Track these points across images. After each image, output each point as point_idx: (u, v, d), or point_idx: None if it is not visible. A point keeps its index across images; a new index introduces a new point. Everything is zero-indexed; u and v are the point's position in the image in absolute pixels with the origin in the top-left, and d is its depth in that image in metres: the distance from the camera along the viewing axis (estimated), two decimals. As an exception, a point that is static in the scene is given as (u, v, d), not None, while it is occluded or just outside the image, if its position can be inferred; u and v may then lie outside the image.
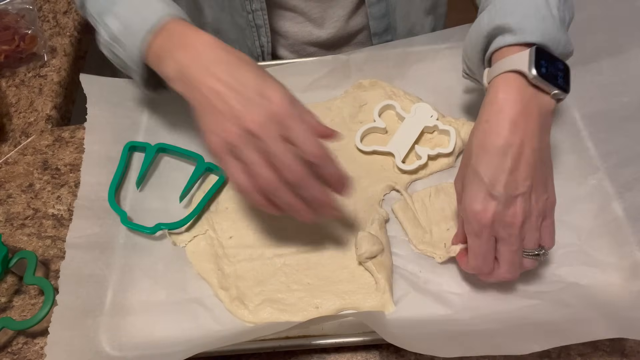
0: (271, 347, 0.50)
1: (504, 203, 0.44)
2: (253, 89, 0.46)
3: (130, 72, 0.58)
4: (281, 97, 0.46)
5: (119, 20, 0.54)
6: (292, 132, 0.45)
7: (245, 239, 0.58)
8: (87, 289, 0.54)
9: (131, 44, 0.54)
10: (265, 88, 0.46)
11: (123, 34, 0.54)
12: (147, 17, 0.52)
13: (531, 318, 0.48)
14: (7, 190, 0.65)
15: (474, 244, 0.46)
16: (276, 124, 0.45)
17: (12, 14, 0.81)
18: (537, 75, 0.44)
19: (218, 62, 0.48)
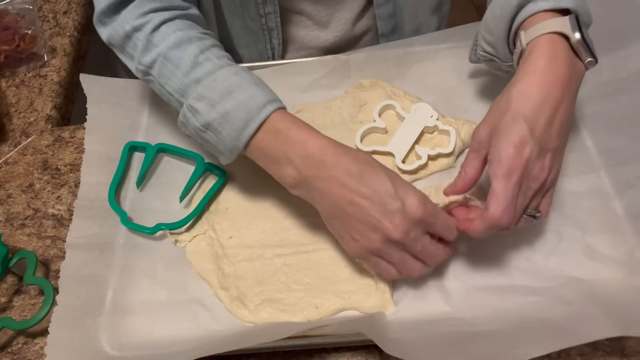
0: (271, 347, 0.50)
1: (537, 153, 0.45)
2: (389, 195, 0.46)
3: (216, 153, 0.54)
4: (417, 199, 0.46)
5: (213, 108, 0.50)
6: (433, 227, 0.47)
7: (245, 239, 0.58)
8: (87, 289, 0.54)
9: (231, 136, 0.50)
10: (400, 192, 0.46)
11: (219, 123, 0.50)
12: (251, 110, 0.49)
13: (532, 317, 0.48)
14: (7, 190, 0.65)
15: (501, 187, 0.45)
16: (418, 227, 0.46)
17: (12, 14, 0.81)
18: (580, 39, 0.46)
19: (349, 175, 0.47)
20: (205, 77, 0.51)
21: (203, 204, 0.60)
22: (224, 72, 0.51)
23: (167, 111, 0.68)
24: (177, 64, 0.52)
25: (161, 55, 0.53)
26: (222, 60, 0.53)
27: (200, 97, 0.50)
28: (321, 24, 0.72)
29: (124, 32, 0.55)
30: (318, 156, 0.48)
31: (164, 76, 0.53)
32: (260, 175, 0.62)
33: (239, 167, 0.63)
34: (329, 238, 0.56)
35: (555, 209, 0.56)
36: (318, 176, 0.48)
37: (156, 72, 0.54)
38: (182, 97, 0.52)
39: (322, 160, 0.48)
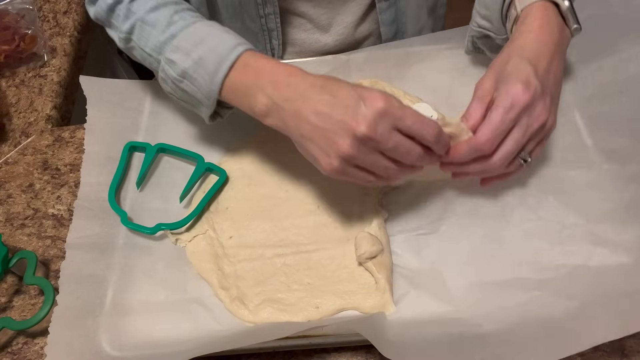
0: (271, 347, 0.50)
1: (539, 94, 0.48)
2: (352, 97, 0.45)
3: (197, 106, 0.57)
4: (380, 95, 0.45)
5: (188, 56, 0.53)
6: (403, 120, 0.45)
7: (245, 239, 0.58)
8: (87, 289, 0.54)
9: (206, 80, 0.53)
10: (363, 93, 0.45)
11: (194, 69, 0.53)
12: (222, 53, 0.52)
13: (532, 317, 0.48)
14: (7, 190, 0.65)
15: (496, 116, 0.47)
16: (385, 119, 0.45)
17: (12, 14, 0.81)
18: (569, 6, 0.51)
19: (312, 87, 0.48)
20: (179, 31, 0.55)
21: (203, 204, 0.60)
22: (197, 25, 0.55)
23: (167, 111, 0.68)
24: (153, 24, 0.56)
25: (139, 20, 0.57)
26: (195, 18, 0.56)
27: (175, 49, 0.54)
28: (322, 28, 0.72)
29: (107, 5, 0.59)
30: (285, 79, 0.49)
31: (142, 39, 0.57)
32: (260, 176, 0.62)
33: (239, 167, 0.63)
34: (329, 238, 0.57)
35: (557, 198, 0.56)
36: (286, 97, 0.48)
37: (136, 37, 0.57)
38: (160, 54, 0.55)
39: (289, 82, 0.49)
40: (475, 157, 0.49)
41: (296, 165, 0.62)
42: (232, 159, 0.64)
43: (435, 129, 0.46)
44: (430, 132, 0.46)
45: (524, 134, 0.48)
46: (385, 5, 0.69)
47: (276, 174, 0.62)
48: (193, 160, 0.63)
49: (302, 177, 0.61)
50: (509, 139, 0.48)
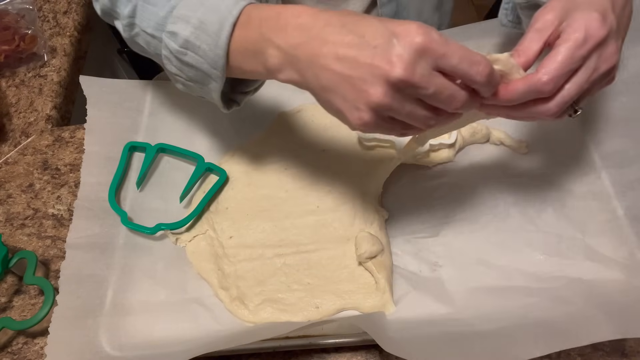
0: (271, 347, 0.50)
1: (614, 31, 0.41)
2: (382, 34, 0.37)
3: (206, 83, 0.50)
4: (417, 28, 0.36)
5: (188, 22, 0.47)
6: (448, 59, 0.37)
7: (245, 239, 0.58)
8: (87, 289, 0.54)
9: (210, 44, 0.46)
10: (394, 27, 0.37)
11: (196, 35, 0.47)
12: (223, 10, 0.45)
13: (532, 317, 0.48)
14: (7, 190, 0.65)
15: (567, 52, 0.39)
16: (424, 59, 0.37)
17: (12, 14, 0.81)
18: None
19: (330, 26, 0.39)
20: (178, 2, 0.49)
21: (203, 204, 0.60)
22: None
23: (167, 111, 0.68)
24: (154, 2, 0.51)
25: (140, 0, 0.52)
26: None
27: (175, 20, 0.48)
28: None
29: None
30: (294, 22, 0.41)
31: (145, 20, 0.52)
32: (260, 176, 0.62)
33: (239, 167, 0.63)
34: (329, 238, 0.57)
35: (556, 210, 0.56)
36: (299, 43, 0.41)
37: (138, 19, 0.52)
38: (161, 31, 0.50)
39: (299, 24, 0.41)
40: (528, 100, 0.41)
41: (296, 165, 0.62)
42: (232, 159, 0.64)
43: (487, 68, 0.38)
44: (480, 72, 0.38)
45: (589, 76, 0.40)
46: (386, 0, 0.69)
47: (276, 174, 0.62)
48: (193, 160, 0.63)
49: (302, 177, 0.61)
50: (573, 82, 0.40)
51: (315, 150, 0.63)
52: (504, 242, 0.55)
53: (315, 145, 0.63)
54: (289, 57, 0.42)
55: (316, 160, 0.62)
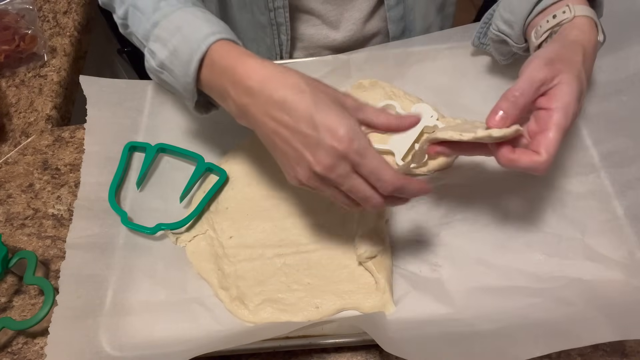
0: (271, 347, 0.50)
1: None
2: (311, 127, 0.43)
3: (181, 98, 0.55)
4: (342, 133, 0.42)
5: (165, 46, 0.51)
6: (362, 168, 0.43)
7: (245, 239, 0.58)
8: (87, 289, 0.54)
9: (181, 71, 0.50)
10: (324, 120, 0.43)
11: (170, 60, 0.51)
12: (194, 43, 0.49)
13: (532, 318, 0.48)
14: (7, 190, 0.65)
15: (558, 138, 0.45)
16: (343, 163, 0.43)
17: (12, 14, 0.81)
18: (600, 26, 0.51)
19: (271, 102, 0.44)
20: (162, 19, 0.52)
21: (203, 204, 0.60)
22: (179, 12, 0.52)
23: (167, 111, 0.68)
24: (142, 10, 0.54)
25: (131, 5, 0.55)
26: (181, 4, 0.53)
27: (156, 38, 0.52)
28: (330, 24, 0.72)
29: None
30: (245, 82, 0.46)
31: (135, 24, 0.55)
32: (260, 176, 0.62)
33: (239, 167, 0.63)
34: (329, 238, 0.57)
35: (555, 210, 0.56)
36: (249, 103, 0.46)
37: (130, 22, 0.56)
38: (146, 41, 0.53)
39: (249, 86, 0.46)
40: None
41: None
42: (232, 159, 0.63)
43: (390, 186, 0.43)
44: (384, 188, 0.44)
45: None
46: (393, 2, 0.69)
47: (276, 174, 0.61)
48: (193, 160, 0.63)
49: (302, 177, 0.61)
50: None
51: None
52: (503, 242, 0.55)
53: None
54: (242, 110, 0.47)
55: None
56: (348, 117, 0.43)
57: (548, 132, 0.45)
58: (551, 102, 0.46)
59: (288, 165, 0.46)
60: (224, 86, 0.48)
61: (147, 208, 0.61)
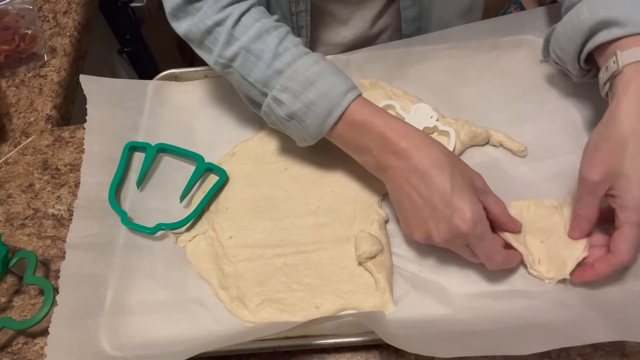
0: (271, 347, 0.50)
1: None
2: (442, 200, 0.48)
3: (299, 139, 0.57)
4: (469, 215, 0.47)
5: (297, 99, 0.52)
6: (477, 249, 0.49)
7: (245, 239, 0.58)
8: (87, 289, 0.54)
9: (316, 123, 0.53)
10: (455, 200, 0.47)
11: (304, 112, 0.53)
12: (334, 99, 0.52)
13: (532, 319, 0.48)
14: (7, 190, 0.65)
15: (634, 233, 0.46)
16: (460, 240, 0.48)
17: (12, 14, 0.81)
18: None
19: (414, 171, 0.49)
20: (286, 67, 0.53)
21: (203, 204, 0.60)
22: (303, 61, 0.53)
23: (167, 111, 0.68)
24: (259, 56, 0.54)
25: (243, 49, 0.55)
26: (299, 49, 0.55)
27: (283, 89, 0.53)
28: (342, 21, 0.72)
29: (205, 27, 0.56)
30: (392, 147, 0.51)
31: (246, 68, 0.55)
32: (260, 176, 0.62)
33: (239, 167, 0.63)
34: (329, 238, 0.57)
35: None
36: (390, 165, 0.51)
37: (238, 65, 0.55)
38: (265, 87, 0.54)
39: (395, 151, 0.50)
40: None
41: (296, 165, 0.62)
42: (232, 159, 0.63)
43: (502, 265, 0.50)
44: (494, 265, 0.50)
45: None
46: (409, 3, 0.68)
47: (276, 174, 0.62)
48: (193, 160, 0.63)
49: (302, 177, 0.61)
50: None
51: (316, 150, 0.63)
52: (504, 242, 0.55)
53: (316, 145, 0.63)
54: (381, 168, 0.52)
55: (316, 161, 0.62)
56: (477, 202, 0.48)
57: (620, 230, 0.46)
58: (615, 201, 0.47)
59: (410, 221, 0.51)
60: (365, 144, 0.52)
61: (147, 208, 0.61)
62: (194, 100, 0.69)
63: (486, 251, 0.49)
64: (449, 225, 0.48)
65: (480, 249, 0.49)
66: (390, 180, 0.52)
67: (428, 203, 0.48)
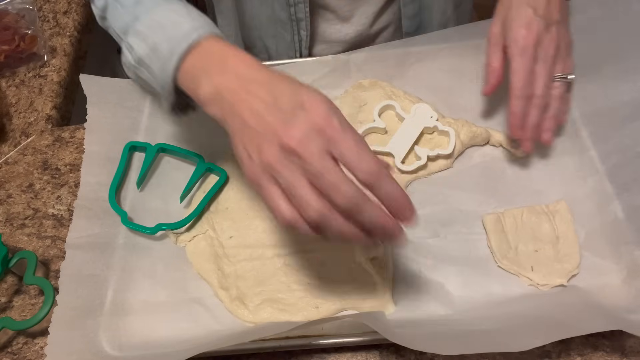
0: (271, 347, 0.50)
1: (544, 27, 0.54)
2: (292, 101, 0.41)
3: (156, 95, 0.54)
4: (322, 108, 0.40)
5: (144, 42, 0.50)
6: (337, 145, 0.39)
7: (245, 239, 0.58)
8: (87, 289, 0.54)
9: (159, 68, 0.49)
10: (305, 99, 0.40)
11: (149, 57, 0.49)
12: (176, 40, 0.48)
13: (531, 317, 0.48)
14: (7, 190, 0.65)
15: (519, 63, 0.54)
16: (318, 138, 0.39)
17: (12, 14, 0.81)
18: None
19: (257, 82, 0.43)
20: (143, 13, 0.51)
21: (203, 204, 0.60)
22: (162, 7, 0.51)
23: (167, 111, 0.68)
24: (122, 3, 0.53)
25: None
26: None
27: (135, 33, 0.51)
28: (343, 18, 0.72)
29: None
30: (232, 69, 0.45)
31: (114, 18, 0.55)
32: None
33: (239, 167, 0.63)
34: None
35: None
36: (230, 88, 0.44)
37: (109, 14, 0.56)
38: (125, 35, 0.53)
39: (236, 72, 0.45)
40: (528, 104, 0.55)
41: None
42: (232, 159, 0.63)
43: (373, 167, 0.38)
44: (364, 168, 0.38)
45: (544, 62, 0.55)
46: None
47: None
48: (193, 160, 0.63)
49: (302, 177, 0.61)
50: (538, 70, 0.55)
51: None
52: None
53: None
54: (216, 95, 0.45)
55: (316, 161, 0.62)
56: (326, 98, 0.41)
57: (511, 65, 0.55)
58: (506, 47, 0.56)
59: (251, 144, 0.42)
60: (204, 70, 0.47)
61: (147, 208, 0.61)
62: (194, 100, 0.69)
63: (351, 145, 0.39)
64: (300, 121, 0.39)
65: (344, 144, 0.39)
66: (230, 104, 0.44)
67: (273, 107, 0.41)
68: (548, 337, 0.44)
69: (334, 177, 0.38)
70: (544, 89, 0.56)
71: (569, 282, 0.51)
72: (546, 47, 0.55)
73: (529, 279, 0.52)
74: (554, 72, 0.57)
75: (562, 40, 0.56)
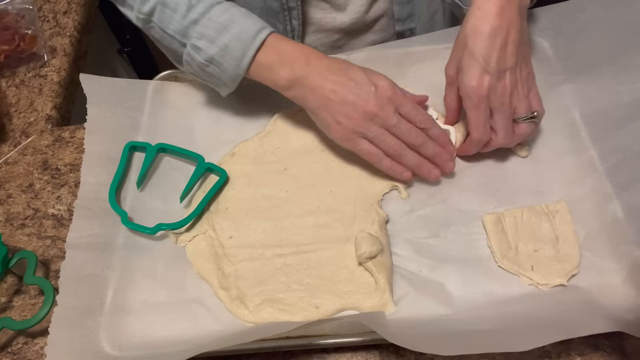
0: (271, 347, 0.50)
1: (496, 77, 0.53)
2: (364, 81, 0.55)
3: (219, 86, 0.62)
4: (387, 83, 0.56)
5: (213, 43, 0.57)
6: (402, 107, 0.56)
7: (245, 239, 0.58)
8: (87, 289, 0.54)
9: (232, 65, 0.58)
10: (373, 79, 0.56)
11: (220, 55, 0.57)
12: (246, 40, 0.57)
13: (531, 317, 0.49)
14: (7, 190, 0.65)
15: (474, 116, 0.55)
16: (390, 104, 0.55)
17: (12, 14, 0.81)
18: None
19: (330, 69, 0.56)
20: (200, 17, 0.58)
21: (203, 204, 0.60)
22: (215, 10, 0.58)
23: (167, 111, 0.68)
24: (174, 8, 0.59)
25: (159, 3, 0.59)
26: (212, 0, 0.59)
27: (200, 36, 0.58)
28: (338, 7, 0.72)
29: None
30: (305, 59, 0.57)
31: (164, 21, 0.60)
32: (260, 176, 0.62)
33: (239, 167, 0.63)
34: (329, 238, 0.57)
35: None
36: (307, 75, 0.56)
37: (157, 19, 0.60)
38: (184, 37, 0.59)
39: (308, 62, 0.57)
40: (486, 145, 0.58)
41: (296, 165, 0.62)
42: (232, 159, 0.64)
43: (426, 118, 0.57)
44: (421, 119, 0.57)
45: (502, 109, 0.54)
46: None
47: (276, 174, 0.62)
48: (193, 160, 0.63)
49: (302, 177, 0.61)
50: (497, 118, 0.55)
51: (316, 150, 0.63)
52: (504, 242, 0.55)
53: (316, 145, 0.63)
54: (297, 82, 0.57)
55: (316, 161, 0.62)
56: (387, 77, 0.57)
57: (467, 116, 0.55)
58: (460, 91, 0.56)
59: (338, 114, 0.56)
60: (280, 61, 0.57)
61: (147, 208, 0.61)
62: (194, 101, 0.69)
63: (412, 106, 0.56)
64: (376, 94, 0.55)
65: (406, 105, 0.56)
66: (311, 88, 0.56)
67: (352, 87, 0.55)
68: (548, 338, 0.44)
69: (406, 125, 0.56)
70: (505, 135, 0.55)
71: (569, 282, 0.52)
72: (500, 96, 0.53)
73: (529, 279, 0.52)
74: (517, 114, 0.55)
75: (518, 84, 0.54)
